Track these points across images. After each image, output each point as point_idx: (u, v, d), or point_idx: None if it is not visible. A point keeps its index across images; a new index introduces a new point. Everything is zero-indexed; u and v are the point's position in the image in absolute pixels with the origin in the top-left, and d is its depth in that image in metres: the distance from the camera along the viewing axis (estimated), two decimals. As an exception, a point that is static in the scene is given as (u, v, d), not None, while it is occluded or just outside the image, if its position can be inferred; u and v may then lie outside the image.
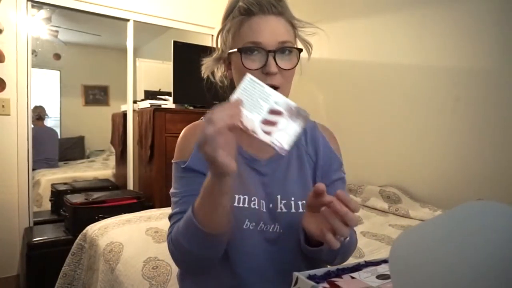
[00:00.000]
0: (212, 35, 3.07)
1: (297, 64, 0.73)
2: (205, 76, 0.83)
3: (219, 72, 0.83)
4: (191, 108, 2.63)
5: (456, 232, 0.39)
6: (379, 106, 2.39)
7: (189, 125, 0.84)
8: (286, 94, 0.74)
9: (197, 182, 0.76)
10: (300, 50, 0.74)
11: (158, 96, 2.69)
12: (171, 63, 2.49)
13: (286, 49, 0.71)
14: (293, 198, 0.77)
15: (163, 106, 2.52)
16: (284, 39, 0.70)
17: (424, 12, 2.12)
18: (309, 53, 0.80)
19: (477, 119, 1.90)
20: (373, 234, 1.59)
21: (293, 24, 0.74)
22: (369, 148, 2.42)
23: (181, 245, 0.68)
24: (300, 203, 0.77)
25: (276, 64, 0.69)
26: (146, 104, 2.56)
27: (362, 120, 2.50)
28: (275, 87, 0.69)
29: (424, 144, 2.12)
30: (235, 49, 0.71)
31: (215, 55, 0.80)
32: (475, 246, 0.38)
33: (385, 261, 0.63)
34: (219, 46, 0.79)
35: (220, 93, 0.85)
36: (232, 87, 0.81)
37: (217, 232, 0.64)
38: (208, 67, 0.82)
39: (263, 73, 0.69)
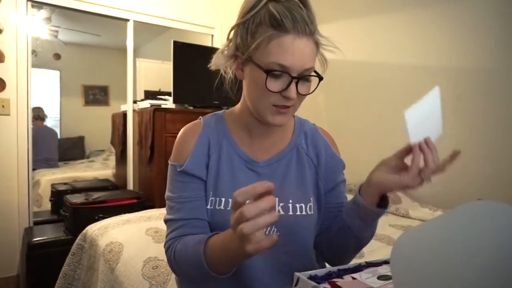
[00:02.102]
0: (212, 35, 3.07)
1: (315, 89, 0.72)
2: (213, 68, 0.79)
3: (231, 68, 0.78)
4: (191, 108, 2.63)
5: (458, 232, 0.39)
6: (379, 106, 2.39)
7: (186, 126, 0.83)
8: (295, 110, 0.74)
9: (192, 187, 0.77)
10: (321, 79, 0.72)
11: (158, 96, 2.69)
12: (171, 63, 2.49)
13: (309, 76, 0.70)
14: (291, 201, 0.76)
15: (163, 106, 2.52)
16: (309, 66, 0.68)
17: (424, 12, 2.12)
18: (324, 70, 0.76)
19: (477, 118, 1.90)
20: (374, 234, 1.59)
21: (318, 43, 0.71)
22: (369, 148, 2.42)
23: (186, 271, 0.72)
24: (298, 205, 0.76)
25: (297, 89, 0.68)
26: (146, 104, 2.56)
27: (362, 120, 2.50)
28: (286, 107, 0.70)
29: (424, 144, 2.12)
30: (261, 67, 0.67)
31: (227, 51, 0.75)
32: (476, 246, 0.38)
33: (386, 262, 0.63)
34: (230, 39, 0.75)
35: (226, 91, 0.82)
36: (239, 86, 0.79)
37: (225, 275, 0.66)
38: (218, 63, 0.78)
39: (282, 96, 0.68)
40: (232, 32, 0.74)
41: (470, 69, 1.92)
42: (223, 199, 0.75)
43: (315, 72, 0.71)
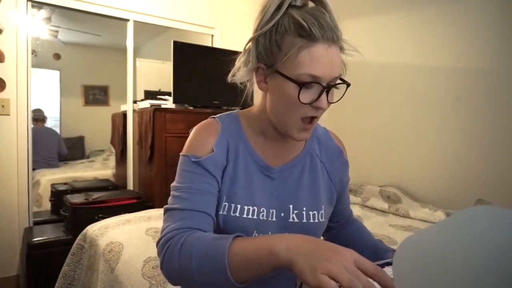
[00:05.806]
0: (212, 35, 3.06)
1: (342, 96, 0.71)
2: (238, 82, 0.76)
3: (253, 81, 0.75)
4: (191, 108, 2.62)
5: (460, 237, 0.39)
6: (380, 106, 2.39)
7: (201, 123, 0.79)
8: (317, 121, 0.73)
9: (203, 180, 0.72)
10: (348, 85, 0.70)
11: (158, 96, 2.69)
12: (171, 63, 2.48)
13: (338, 84, 0.68)
14: (304, 209, 0.76)
15: (163, 106, 2.51)
16: (338, 73, 0.67)
17: (425, 12, 2.12)
18: (344, 74, 0.73)
19: (477, 119, 1.90)
20: (373, 234, 1.59)
21: (342, 48, 0.70)
22: (369, 148, 2.42)
23: (190, 273, 0.59)
24: (311, 213, 0.76)
25: (327, 98, 0.67)
26: (146, 104, 2.55)
27: (362, 120, 2.50)
28: (312, 122, 0.70)
29: (424, 144, 2.12)
30: (292, 80, 0.64)
31: (250, 64, 0.71)
32: (478, 250, 0.38)
33: (388, 264, 0.63)
34: (248, 50, 0.72)
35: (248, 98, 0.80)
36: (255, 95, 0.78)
37: (245, 285, 0.58)
38: (240, 76, 0.74)
39: (313, 107, 0.67)
40: (250, 43, 0.70)
41: (471, 69, 1.92)
42: (238, 206, 0.73)
43: (341, 79, 0.69)
